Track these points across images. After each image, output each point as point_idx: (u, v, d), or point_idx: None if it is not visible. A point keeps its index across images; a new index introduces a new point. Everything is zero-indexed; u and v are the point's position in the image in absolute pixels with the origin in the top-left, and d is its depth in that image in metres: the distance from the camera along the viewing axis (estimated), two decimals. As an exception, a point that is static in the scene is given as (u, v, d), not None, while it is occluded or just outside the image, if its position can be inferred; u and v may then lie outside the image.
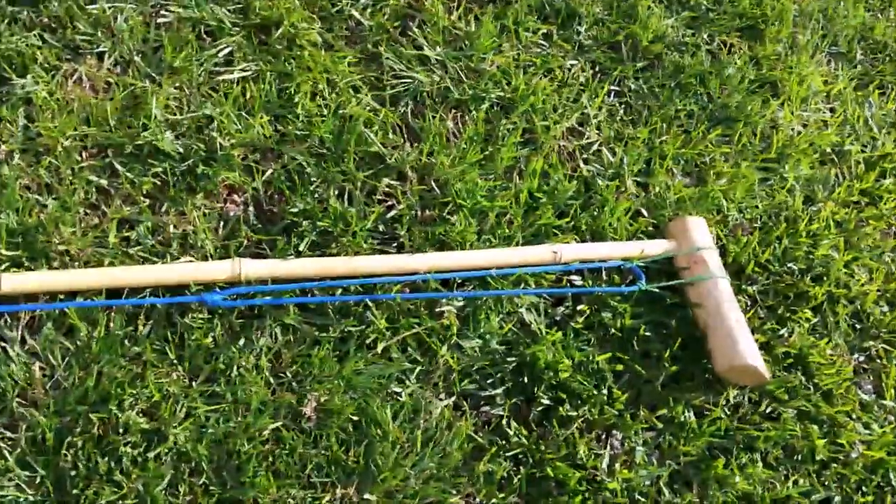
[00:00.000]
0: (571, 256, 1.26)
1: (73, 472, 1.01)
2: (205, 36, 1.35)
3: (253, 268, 1.14)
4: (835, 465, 1.27)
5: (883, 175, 1.54)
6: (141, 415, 1.06)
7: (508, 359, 1.22)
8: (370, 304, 1.18)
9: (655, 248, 1.30)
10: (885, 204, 1.51)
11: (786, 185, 1.46)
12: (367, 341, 1.17)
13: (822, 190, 1.49)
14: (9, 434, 1.03)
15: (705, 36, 1.56)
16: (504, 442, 1.17)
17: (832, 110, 1.60)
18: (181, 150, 1.24)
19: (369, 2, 1.45)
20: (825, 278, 1.39)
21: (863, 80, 1.68)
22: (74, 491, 1.00)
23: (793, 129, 1.53)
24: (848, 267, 1.42)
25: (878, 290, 1.42)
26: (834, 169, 1.53)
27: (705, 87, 1.49)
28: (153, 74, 1.29)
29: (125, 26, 1.31)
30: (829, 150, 1.54)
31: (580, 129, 1.44)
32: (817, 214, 1.45)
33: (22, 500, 0.99)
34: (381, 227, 1.27)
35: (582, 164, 1.40)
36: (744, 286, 1.34)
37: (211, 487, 1.04)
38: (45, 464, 1.01)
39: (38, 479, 1.01)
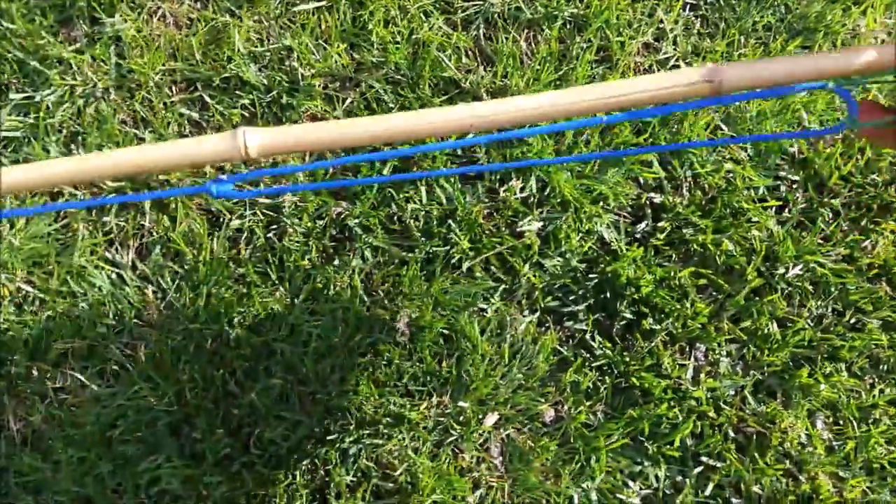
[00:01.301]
0: (738, 77, 0.58)
1: (191, 385, 1.21)
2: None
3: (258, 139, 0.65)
4: (921, 373, 1.41)
5: (975, 82, 1.64)
6: (248, 331, 1.25)
7: (590, 276, 1.38)
8: (452, 224, 1.35)
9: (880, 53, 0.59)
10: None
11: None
12: (452, 261, 1.35)
13: (910, 99, 1.60)
14: (128, 352, 1.24)
15: (785, -57, 1.66)
16: (588, 354, 1.34)
17: (921, 15, 1.70)
18: (265, 81, 1.41)
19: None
20: (912, 189, 1.51)
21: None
22: (194, 401, 1.21)
23: (875, 38, 1.64)
24: (936, 177, 1.54)
25: (968, 200, 1.54)
26: (923, 77, 1.63)
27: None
28: (232, 8, 1.46)
29: (201, -39, 1.48)
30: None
31: (656, 44, 1.57)
32: (904, 124, 1.56)
33: (149, 409, 1.20)
34: (459, 151, 1.44)
35: (658, 82, 1.53)
36: (826, 199, 1.48)
37: (318, 395, 1.23)
38: (164, 377, 1.22)
39: (160, 391, 1.21)
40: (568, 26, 1.55)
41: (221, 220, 1.31)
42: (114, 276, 1.27)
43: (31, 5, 1.41)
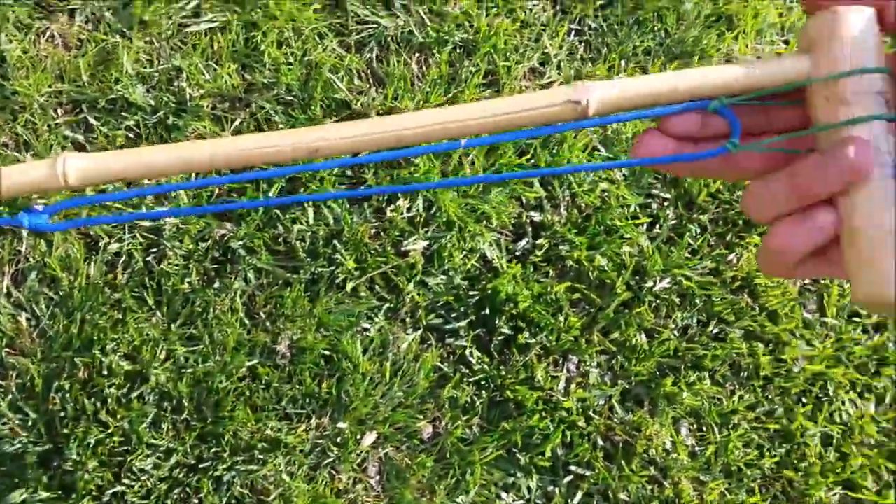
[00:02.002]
0: (605, 102, 0.38)
1: (62, 414, 0.95)
2: (170, -13, 1.21)
3: (79, 165, 0.45)
4: (778, 379, 1.20)
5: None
6: (123, 358, 0.99)
7: (471, 293, 1.13)
8: (337, 245, 1.09)
9: (772, 68, 0.38)
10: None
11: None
12: (337, 281, 1.09)
13: (773, 120, 1.36)
14: (0, 382, 0.97)
15: (663, -29, 1.40)
16: (467, 370, 1.10)
17: (786, 42, 1.45)
18: (152, 102, 1.12)
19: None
20: (773, 205, 1.28)
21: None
22: (65, 431, 0.94)
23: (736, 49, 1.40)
24: (795, 193, 1.32)
25: (823, 215, 1.31)
26: (785, 99, 1.39)
27: (663, 23, 1.34)
28: (123, 29, 1.17)
29: (93, -19, 1.17)
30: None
31: (541, 68, 1.31)
32: (767, 144, 1.33)
33: (17, 441, 0.93)
34: (348, 172, 1.17)
35: (542, 103, 1.27)
36: (695, 215, 1.24)
37: (192, 422, 0.98)
38: (35, 408, 0.95)
39: (30, 422, 0.95)
40: (458, 50, 1.28)
41: (100, 243, 1.04)
42: (-13, 303, 0.99)
43: (-90, 24, 1.10)
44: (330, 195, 1.09)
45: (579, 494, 1.08)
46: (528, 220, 1.19)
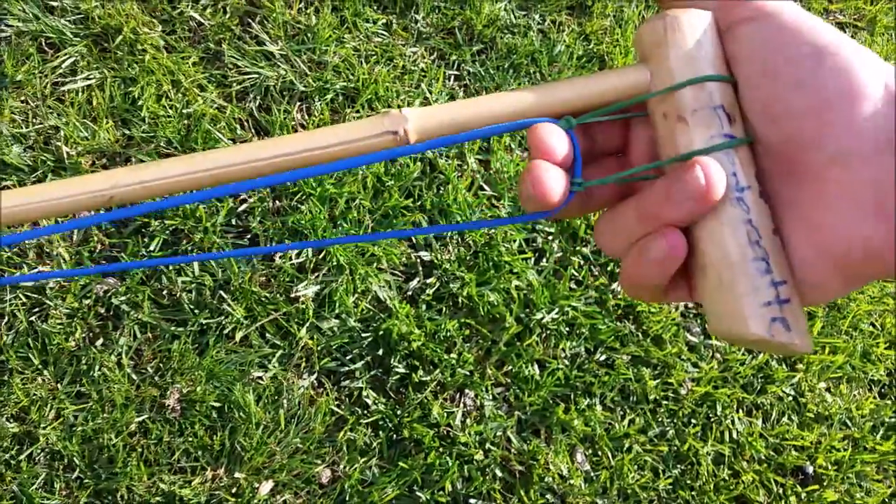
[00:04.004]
0: (424, 130, 0.41)
1: (-56, 481, 1.09)
2: (46, 48, 1.41)
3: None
4: (666, 402, 1.46)
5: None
6: (10, 419, 1.14)
7: (364, 334, 1.35)
8: (224, 295, 1.29)
9: (607, 82, 0.40)
10: (708, 161, 1.70)
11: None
12: (226, 331, 1.28)
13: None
14: None
15: (536, 17, 1.70)
16: (364, 411, 1.31)
17: (659, 78, 1.78)
18: (30, 162, 1.30)
19: (209, 1, 1.53)
20: (653, 234, 1.57)
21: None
22: (-53, 498, 1.09)
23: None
24: (675, 222, 1.61)
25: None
26: (662, 132, 1.71)
27: (537, 66, 1.64)
28: (-5, 90, 1.35)
29: (-40, 42, 1.36)
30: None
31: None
32: (645, 176, 1.63)
33: None
34: (234, 221, 1.38)
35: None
36: (578, 247, 1.51)
37: (85, 481, 1.14)
38: (-85, 476, 1.09)
39: None
40: (340, 98, 1.53)
41: (-21, 307, 1.20)
42: None
43: None
44: (216, 255, 1.29)
45: (480, 526, 1.29)
46: (418, 260, 1.43)
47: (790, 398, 1.52)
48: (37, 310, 1.22)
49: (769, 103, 0.36)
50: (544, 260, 1.48)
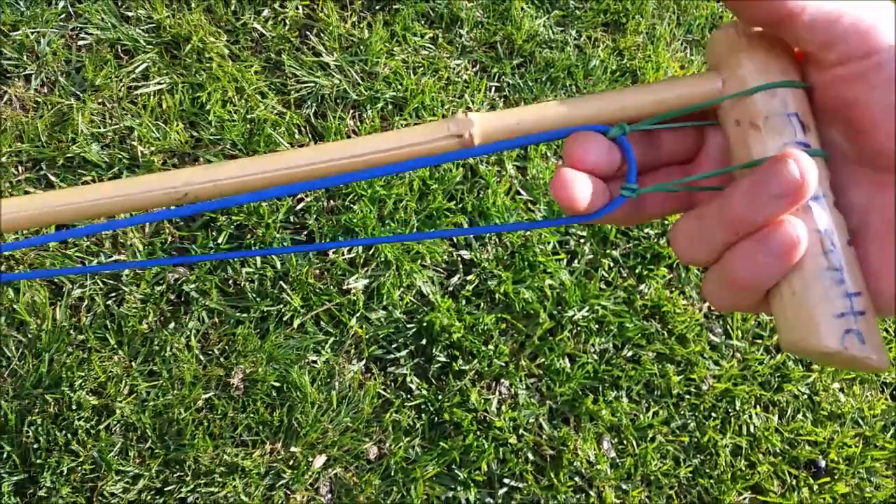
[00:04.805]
0: (488, 133, 0.42)
1: (35, 446, 1.20)
2: (122, 55, 1.52)
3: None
4: (689, 396, 1.54)
5: (730, 147, 1.82)
6: (90, 393, 1.25)
7: (409, 325, 1.45)
8: (284, 286, 1.39)
9: (677, 89, 0.40)
10: (732, 172, 1.79)
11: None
12: (285, 318, 1.39)
13: (678, 163, 1.75)
14: (-27, 418, 1.21)
15: (573, 32, 1.80)
16: (408, 395, 1.40)
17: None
18: (107, 159, 1.41)
19: (270, 14, 1.64)
20: (679, 240, 1.65)
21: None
22: (38, 461, 1.19)
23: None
24: (699, 229, 1.69)
25: (725, 247, 1.70)
26: (688, 144, 1.79)
27: (573, 79, 1.73)
28: (77, 92, 1.46)
29: (48, 49, 1.47)
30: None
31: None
32: (672, 185, 1.71)
33: (-9, 472, 1.18)
34: (292, 219, 1.48)
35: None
36: (608, 251, 1.60)
37: (156, 450, 1.24)
38: (9, 441, 1.20)
39: (4, 454, 1.19)
40: (389, 106, 1.63)
41: (63, 289, 1.31)
42: (-43, 347, 1.24)
43: None
44: (276, 251, 1.39)
45: (513, 505, 1.38)
46: (459, 258, 1.52)
47: (805, 396, 1.60)
48: (113, 295, 1.33)
49: (846, 111, 0.35)
50: (576, 261, 1.57)
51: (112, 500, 1.21)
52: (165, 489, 1.23)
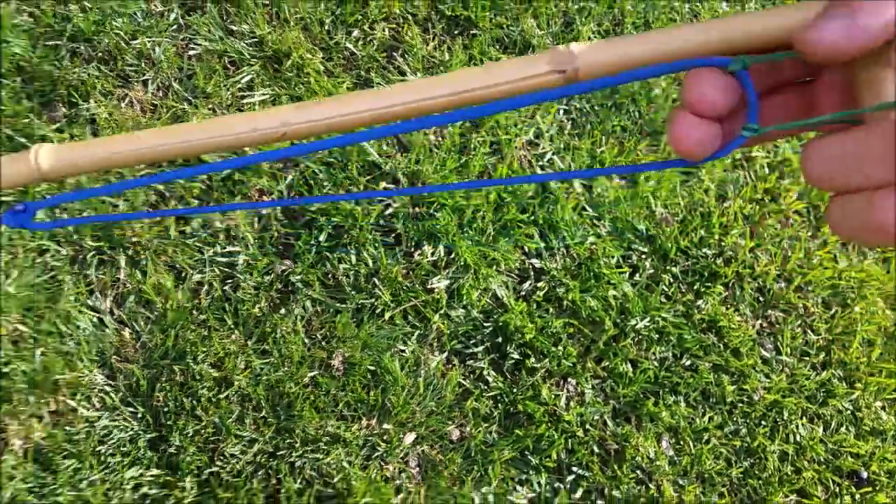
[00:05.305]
0: (592, 68, 0.48)
1: (165, 409, 1.60)
2: (228, 66, 1.96)
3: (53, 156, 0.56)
4: (741, 405, 1.96)
5: (782, 176, 2.27)
6: (211, 366, 1.66)
7: (486, 324, 1.87)
8: (376, 282, 1.81)
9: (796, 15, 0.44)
10: (783, 200, 2.23)
11: (702, 186, 2.17)
12: (377, 311, 1.80)
13: (732, 189, 2.20)
14: (110, 383, 1.62)
15: (637, 62, 2.25)
16: (485, 386, 1.82)
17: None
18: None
19: (360, 35, 2.09)
20: (733, 261, 2.09)
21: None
22: (168, 422, 1.60)
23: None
24: (752, 252, 2.13)
25: (777, 270, 2.13)
26: (742, 172, 2.24)
27: (636, 106, 2.18)
28: (189, 98, 1.90)
29: (162, 57, 1.91)
30: (738, 155, 2.25)
31: (536, 141, 2.11)
32: (727, 209, 2.16)
33: (129, 429, 1.58)
34: (381, 222, 1.91)
35: (538, 171, 2.07)
36: (668, 267, 2.03)
37: (269, 419, 1.65)
38: (142, 403, 1.61)
39: (139, 415, 1.60)
40: (467, 124, 2.07)
41: (185, 275, 1.72)
42: (95, 320, 1.65)
43: (17, 88, 1.80)
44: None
45: (580, 491, 1.79)
46: (531, 266, 1.95)
47: (848, 412, 2.02)
48: (229, 281, 1.75)
49: None
50: (637, 275, 2.00)
51: (231, 460, 1.61)
52: (277, 453, 1.63)
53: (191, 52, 1.96)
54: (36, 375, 1.58)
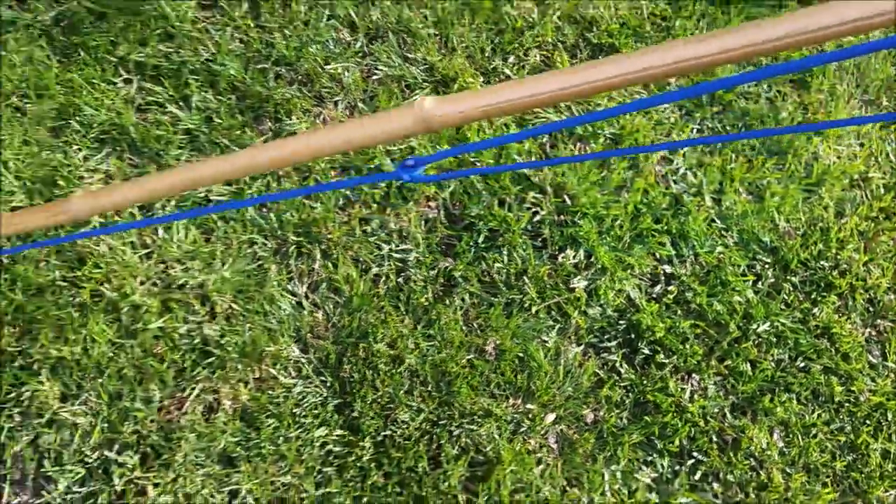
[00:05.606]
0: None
1: (350, 379, 1.74)
2: (405, 89, 2.08)
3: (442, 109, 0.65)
4: (848, 404, 1.96)
5: (899, 197, 2.23)
6: (387, 346, 1.79)
7: (620, 322, 1.93)
8: (526, 280, 1.90)
9: None
10: (899, 219, 2.20)
11: (822, 203, 2.16)
12: (525, 305, 1.89)
13: (850, 207, 2.18)
14: (305, 356, 1.77)
15: (765, 86, 2.25)
16: (618, 377, 1.88)
17: (861, 145, 2.28)
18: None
19: (516, 60, 2.16)
20: (848, 273, 2.08)
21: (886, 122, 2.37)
22: (353, 391, 1.73)
23: (830, 160, 2.22)
24: (866, 265, 2.11)
25: (887, 284, 2.11)
26: (859, 191, 2.22)
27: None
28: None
29: (350, 80, 2.04)
30: (856, 176, 2.22)
31: (670, 157, 2.14)
32: (845, 225, 2.14)
33: (319, 395, 1.73)
34: (529, 227, 1.99)
35: (672, 184, 2.11)
36: (788, 277, 2.04)
37: (433, 393, 1.77)
38: (331, 373, 1.75)
39: (328, 383, 1.74)
40: (607, 141, 2.12)
41: (367, 267, 1.85)
42: (294, 302, 1.80)
43: (232, 105, 1.96)
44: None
45: (699, 473, 1.84)
46: (662, 271, 2.00)
47: (953, 418, 1.99)
48: (402, 274, 1.87)
49: None
50: (760, 283, 2.02)
51: (402, 426, 1.73)
52: (439, 422, 1.75)
53: (374, 77, 2.08)
54: (246, 347, 1.75)
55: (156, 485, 1.63)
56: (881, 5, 0.42)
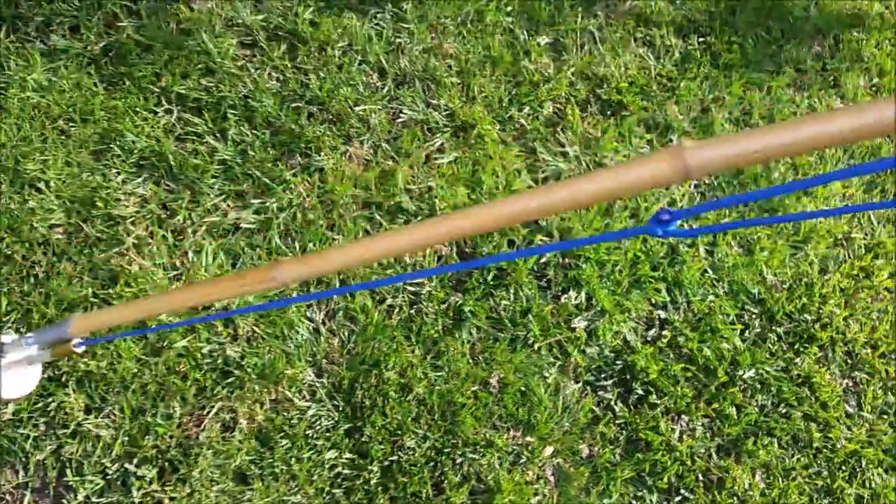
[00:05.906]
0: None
1: (361, 405, 1.67)
2: (427, 132, 2.02)
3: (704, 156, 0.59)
4: (825, 450, 1.90)
5: (877, 257, 2.17)
6: (396, 374, 1.71)
7: (616, 362, 1.86)
8: (530, 317, 1.83)
9: None
10: (876, 278, 2.14)
11: (808, 259, 2.10)
12: (529, 342, 1.82)
13: (833, 264, 2.12)
14: (319, 380, 1.69)
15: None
16: (612, 415, 1.81)
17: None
18: (414, 208, 1.90)
19: (531, 111, 2.11)
20: (829, 327, 2.02)
21: (870, 185, 2.31)
22: (363, 416, 1.66)
23: (816, 220, 2.17)
24: (846, 320, 2.05)
25: (864, 338, 2.05)
26: (843, 249, 2.16)
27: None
28: (394, 156, 1.96)
29: (377, 122, 1.98)
30: (840, 235, 2.17)
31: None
32: (828, 281, 2.08)
33: (331, 418, 1.65)
34: (535, 268, 1.92)
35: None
36: (773, 327, 1.98)
37: (439, 422, 1.69)
38: (343, 398, 1.67)
39: (339, 407, 1.67)
40: (611, 190, 2.06)
41: (380, 298, 1.79)
42: (312, 328, 1.73)
43: (266, 140, 1.90)
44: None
45: (684, 510, 1.77)
46: (657, 316, 1.93)
47: (923, 469, 1.92)
48: (415, 306, 1.80)
49: None
50: (747, 332, 1.95)
51: (408, 451, 1.66)
52: (444, 450, 1.68)
53: (399, 120, 2.03)
54: (265, 369, 1.67)
55: (172, 498, 1.55)
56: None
